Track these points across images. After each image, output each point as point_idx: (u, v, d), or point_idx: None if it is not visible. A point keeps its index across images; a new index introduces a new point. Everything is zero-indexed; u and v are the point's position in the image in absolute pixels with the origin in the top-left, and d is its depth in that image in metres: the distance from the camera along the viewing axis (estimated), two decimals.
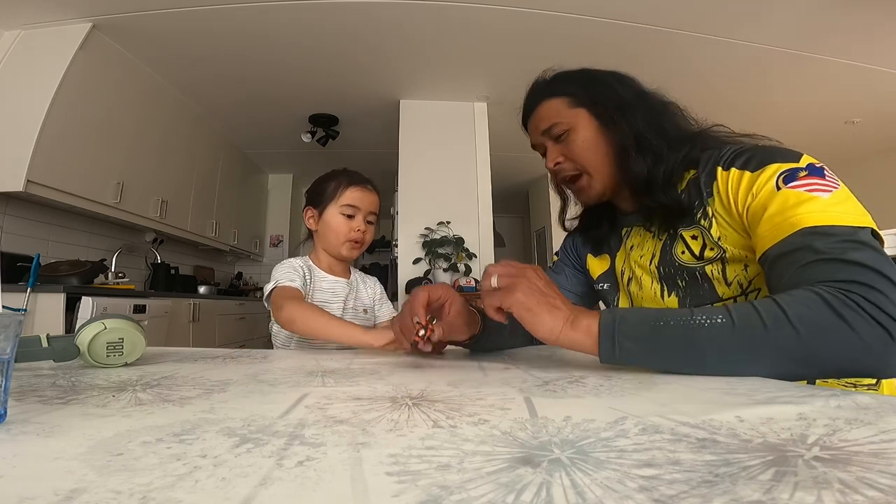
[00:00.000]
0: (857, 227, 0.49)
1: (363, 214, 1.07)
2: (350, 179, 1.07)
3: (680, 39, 2.78)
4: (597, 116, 0.71)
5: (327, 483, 0.20)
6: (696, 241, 0.65)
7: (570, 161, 0.73)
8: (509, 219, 6.55)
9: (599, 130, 0.71)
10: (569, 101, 0.73)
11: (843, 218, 0.50)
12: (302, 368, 0.55)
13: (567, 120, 0.72)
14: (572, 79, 0.76)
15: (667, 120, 0.70)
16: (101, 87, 2.64)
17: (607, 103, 0.71)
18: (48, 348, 0.51)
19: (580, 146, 0.71)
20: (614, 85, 0.73)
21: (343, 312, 1.07)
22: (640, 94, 0.73)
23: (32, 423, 0.29)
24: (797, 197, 0.52)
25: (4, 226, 2.39)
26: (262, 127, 4.07)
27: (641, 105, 0.70)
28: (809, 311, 0.43)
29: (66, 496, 0.18)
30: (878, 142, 4.40)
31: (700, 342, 0.45)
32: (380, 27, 2.70)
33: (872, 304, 0.42)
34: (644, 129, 0.68)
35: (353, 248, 1.06)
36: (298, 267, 1.03)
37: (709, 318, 0.45)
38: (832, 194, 0.52)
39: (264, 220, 5.31)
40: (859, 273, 0.44)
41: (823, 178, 0.54)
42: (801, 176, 0.54)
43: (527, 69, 0.81)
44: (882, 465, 0.20)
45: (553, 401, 0.36)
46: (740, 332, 0.44)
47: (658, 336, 0.47)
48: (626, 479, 0.19)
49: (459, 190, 3.50)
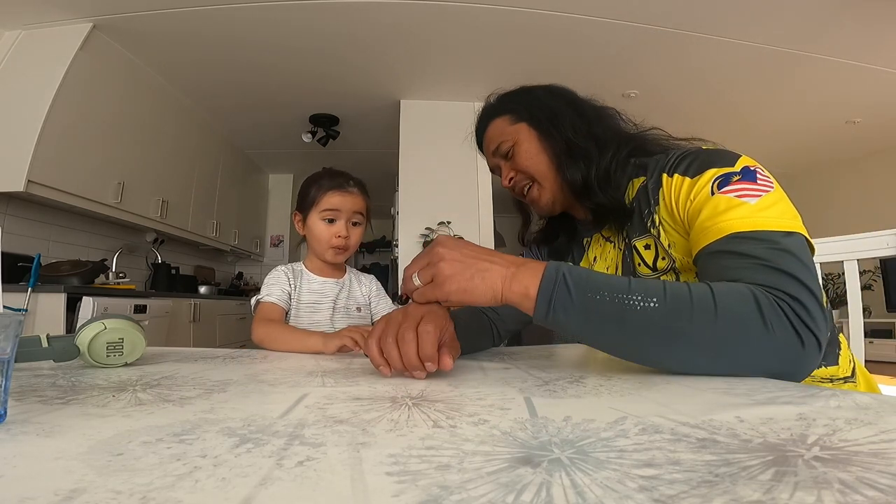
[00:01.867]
0: (781, 233, 0.50)
1: (345, 218, 1.04)
2: (330, 183, 1.05)
3: (680, 39, 2.77)
4: (535, 128, 0.75)
5: (327, 483, 0.20)
6: (650, 250, 0.67)
7: (521, 173, 0.76)
8: (509, 219, 6.53)
9: (539, 140, 0.74)
10: (510, 118, 0.77)
11: (767, 223, 0.51)
12: (302, 368, 0.56)
13: (511, 136, 0.76)
14: (512, 96, 0.80)
15: (597, 125, 0.73)
16: (101, 87, 2.64)
17: (540, 115, 0.74)
18: (48, 348, 0.51)
19: (524, 157, 0.74)
20: (545, 97, 0.76)
21: (334, 312, 1.06)
22: (572, 102, 0.76)
23: (32, 423, 0.29)
24: (727, 203, 0.54)
25: (5, 226, 2.39)
26: (262, 127, 4.07)
27: (570, 113, 0.73)
28: (737, 304, 0.44)
29: (66, 496, 0.18)
30: (878, 142, 4.40)
31: (629, 325, 0.45)
32: (380, 28, 2.70)
33: (795, 313, 0.44)
34: (573, 136, 0.71)
35: (337, 254, 1.05)
36: (282, 277, 1.04)
37: (644, 300, 0.45)
38: (760, 199, 0.53)
39: (265, 220, 5.31)
40: (786, 282, 0.46)
41: (755, 183, 0.55)
42: (734, 181, 0.56)
43: (527, 69, 0.82)
44: (882, 465, 0.20)
45: (553, 401, 0.36)
46: (667, 321, 0.44)
47: (591, 309, 0.46)
48: (626, 479, 0.19)
49: (459, 190, 3.50)
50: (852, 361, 0.67)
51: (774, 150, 4.54)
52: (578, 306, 0.46)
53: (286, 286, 1.03)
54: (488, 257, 0.51)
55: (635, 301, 0.45)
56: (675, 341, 0.44)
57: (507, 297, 0.49)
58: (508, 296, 0.48)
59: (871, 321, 4.08)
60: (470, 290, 0.49)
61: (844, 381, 0.63)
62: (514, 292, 0.48)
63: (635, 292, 0.45)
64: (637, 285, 0.46)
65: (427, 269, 0.52)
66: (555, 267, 0.48)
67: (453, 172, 3.51)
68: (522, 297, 0.48)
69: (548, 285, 0.47)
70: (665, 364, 0.46)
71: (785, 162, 4.79)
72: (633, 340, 0.46)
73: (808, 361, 0.45)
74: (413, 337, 0.47)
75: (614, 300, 0.45)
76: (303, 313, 1.04)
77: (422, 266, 0.53)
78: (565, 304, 0.46)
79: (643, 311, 0.44)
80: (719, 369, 0.44)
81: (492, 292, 0.49)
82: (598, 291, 0.46)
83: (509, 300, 0.49)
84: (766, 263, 0.48)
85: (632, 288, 0.46)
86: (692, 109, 3.57)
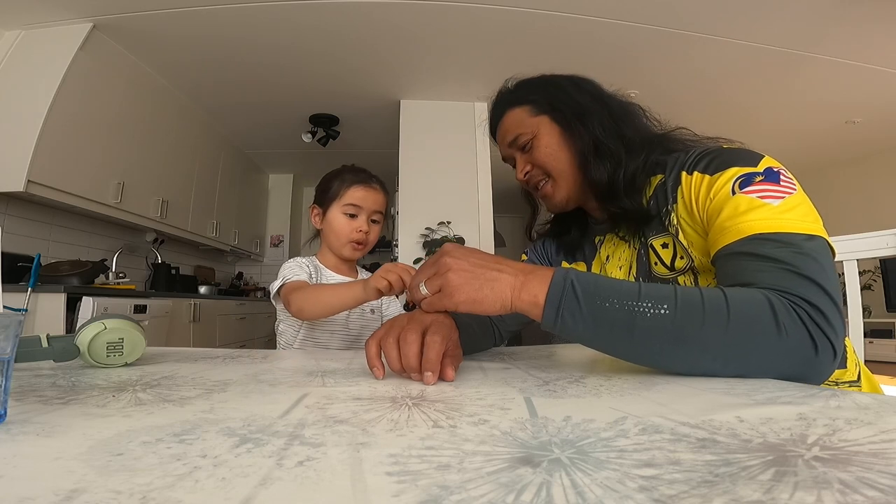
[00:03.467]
0: (804, 236, 0.49)
1: (366, 214, 1.04)
2: (354, 178, 1.05)
3: (680, 39, 2.77)
4: (558, 122, 0.71)
5: (327, 483, 0.20)
6: (667, 249, 0.65)
7: (538, 168, 0.73)
8: (509, 219, 6.55)
9: (562, 136, 0.71)
10: (530, 109, 0.73)
11: (790, 225, 0.50)
12: (302, 368, 0.56)
13: (530, 128, 0.72)
14: (532, 86, 0.76)
15: (626, 124, 0.70)
16: (101, 87, 2.64)
17: (566, 110, 0.71)
18: (48, 348, 0.51)
19: (543, 152, 0.71)
20: (572, 90, 0.72)
21: (350, 312, 1.06)
22: (599, 98, 0.72)
23: (32, 423, 0.29)
24: (749, 203, 0.53)
25: (5, 226, 2.39)
26: (262, 127, 4.07)
27: (600, 110, 0.70)
28: (751, 308, 0.44)
29: (66, 496, 0.18)
30: (878, 142, 4.39)
31: (639, 332, 0.44)
32: (380, 28, 2.70)
33: (811, 318, 0.43)
34: (602, 135, 0.68)
35: (355, 249, 1.05)
36: (304, 264, 1.03)
37: (654, 306, 0.44)
38: (783, 201, 0.52)
39: (265, 220, 5.31)
40: (805, 287, 0.45)
41: (778, 184, 0.54)
42: (757, 181, 0.54)
43: (527, 69, 0.81)
44: (882, 465, 0.20)
45: (553, 401, 0.36)
46: (679, 327, 0.44)
47: (600, 316, 0.45)
48: (626, 479, 0.19)
49: (459, 190, 3.49)
50: (858, 365, 0.66)
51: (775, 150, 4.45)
52: (587, 314, 0.45)
53: (307, 277, 1.01)
54: (497, 265, 0.50)
55: (645, 307, 0.44)
56: (687, 347, 0.44)
57: (517, 306, 0.48)
58: (518, 304, 0.48)
59: (870, 321, 4.08)
60: (479, 301, 0.48)
61: (850, 384, 0.62)
62: (524, 300, 0.48)
63: (645, 298, 0.44)
64: (647, 291, 0.45)
65: (435, 278, 0.51)
66: (562, 274, 0.47)
67: (453, 172, 3.51)
68: (532, 306, 0.48)
69: (555, 293, 0.46)
70: (677, 368, 0.45)
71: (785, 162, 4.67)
72: (643, 347, 0.45)
73: (822, 367, 0.44)
74: (415, 339, 0.47)
75: (624, 307, 0.44)
76: None
77: (429, 275, 0.52)
78: (573, 311, 0.46)
79: (654, 318, 0.44)
80: (732, 373, 0.44)
81: (501, 301, 0.48)
82: (608, 298, 0.45)
83: (519, 308, 0.48)
84: (786, 267, 0.47)
85: (642, 294, 0.45)
86: (692, 109, 3.57)
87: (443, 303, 0.50)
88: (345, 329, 1.04)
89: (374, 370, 0.48)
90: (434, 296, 0.51)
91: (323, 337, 1.03)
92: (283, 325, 1.04)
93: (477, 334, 0.72)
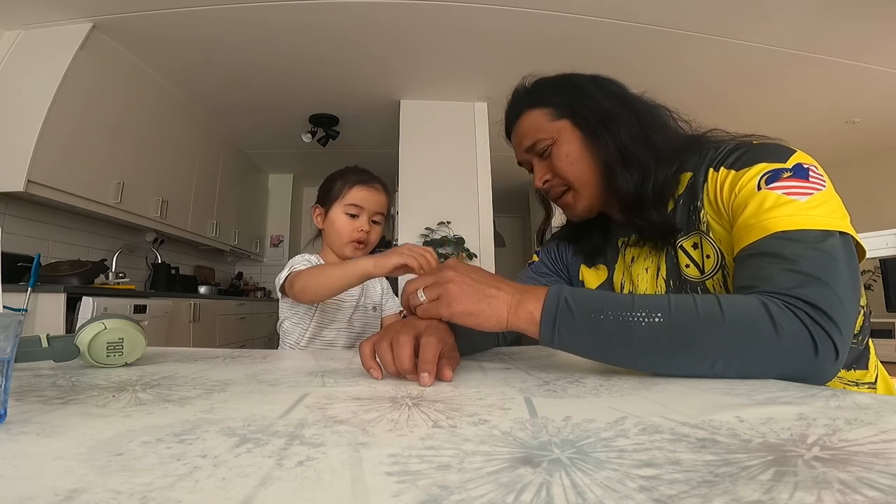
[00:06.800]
0: (825, 232, 0.48)
1: (368, 214, 1.05)
2: (357, 178, 1.06)
3: (680, 39, 2.77)
4: (580, 128, 0.67)
5: (327, 483, 0.20)
6: (697, 249, 0.63)
7: (558, 177, 0.69)
8: (509, 219, 6.55)
9: (583, 143, 0.66)
10: (550, 112, 0.68)
11: (814, 222, 0.49)
12: (302, 368, 0.56)
13: (549, 134, 0.68)
14: (552, 86, 0.71)
15: (655, 130, 0.65)
16: (101, 87, 2.64)
17: (589, 114, 0.66)
18: (48, 348, 0.51)
19: (564, 161, 0.67)
20: (595, 92, 0.68)
21: (354, 310, 1.07)
22: (625, 101, 0.68)
23: (32, 423, 0.29)
24: (775, 200, 0.51)
25: (5, 226, 2.39)
26: (262, 127, 4.07)
27: (626, 115, 0.65)
28: (745, 310, 0.44)
29: (66, 496, 0.18)
30: (878, 142, 4.39)
31: (635, 341, 0.45)
32: (380, 28, 2.70)
33: (811, 318, 0.43)
34: (629, 143, 0.63)
35: (356, 249, 1.05)
36: (312, 259, 1.03)
37: (648, 316, 0.45)
38: (811, 197, 0.51)
39: (265, 220, 5.31)
40: (810, 287, 0.44)
41: (806, 180, 0.52)
42: (785, 177, 0.53)
43: (527, 69, 0.80)
44: (882, 465, 0.20)
45: (553, 401, 0.36)
46: (674, 333, 0.44)
47: (596, 328, 0.46)
48: (626, 479, 0.19)
49: (459, 190, 3.49)
50: (877, 367, 0.65)
51: None
52: (582, 327, 0.46)
53: None
54: (496, 284, 0.51)
55: (639, 317, 0.44)
56: (684, 352, 0.44)
57: (513, 324, 0.49)
58: (515, 322, 0.49)
59: (871, 321, 4.07)
60: (476, 314, 0.49)
61: (868, 385, 0.61)
62: (521, 318, 0.49)
63: (639, 308, 0.45)
64: (641, 301, 0.46)
65: (434, 287, 0.52)
66: (556, 291, 0.48)
67: (453, 172, 3.51)
68: (528, 323, 0.48)
69: (550, 309, 0.47)
70: (677, 373, 0.45)
71: None
72: (641, 355, 0.46)
73: (824, 367, 0.43)
74: (408, 341, 0.47)
75: (618, 318, 0.45)
76: (329, 307, 1.04)
77: (428, 283, 0.53)
78: (569, 326, 0.46)
79: (649, 327, 0.44)
80: (731, 375, 0.44)
81: (496, 318, 0.49)
82: (602, 311, 0.46)
83: (516, 326, 0.49)
84: (792, 267, 0.46)
85: (636, 304, 0.45)
86: (692, 110, 3.54)
87: (439, 310, 0.51)
88: (349, 327, 1.06)
89: (371, 371, 0.48)
90: (431, 303, 0.52)
91: (329, 335, 1.04)
92: (289, 323, 1.05)
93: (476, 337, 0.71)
